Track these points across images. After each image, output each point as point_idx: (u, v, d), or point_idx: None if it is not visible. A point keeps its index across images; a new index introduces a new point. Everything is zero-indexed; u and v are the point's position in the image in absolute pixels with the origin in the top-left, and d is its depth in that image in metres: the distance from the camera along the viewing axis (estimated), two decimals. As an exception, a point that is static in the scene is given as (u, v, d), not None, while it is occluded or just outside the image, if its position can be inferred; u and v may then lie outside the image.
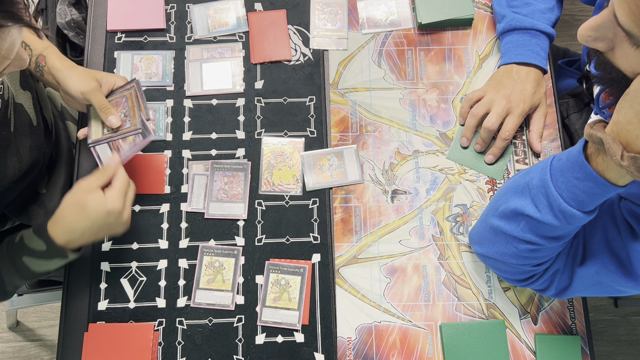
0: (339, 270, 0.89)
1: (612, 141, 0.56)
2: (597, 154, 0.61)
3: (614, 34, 0.56)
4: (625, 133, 0.56)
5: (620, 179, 0.60)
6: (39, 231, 0.77)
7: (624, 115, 0.56)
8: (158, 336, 0.85)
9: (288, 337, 0.86)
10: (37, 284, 1.18)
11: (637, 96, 0.55)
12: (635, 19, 0.51)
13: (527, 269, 0.75)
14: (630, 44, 0.54)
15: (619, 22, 0.53)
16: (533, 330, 0.87)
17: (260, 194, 0.93)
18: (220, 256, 0.89)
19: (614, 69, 0.58)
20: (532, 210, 0.68)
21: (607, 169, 0.60)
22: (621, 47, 0.55)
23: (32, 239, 0.77)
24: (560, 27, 1.09)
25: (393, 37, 1.02)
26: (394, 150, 0.96)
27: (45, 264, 0.78)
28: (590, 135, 0.59)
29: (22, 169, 0.85)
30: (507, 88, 0.92)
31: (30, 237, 0.77)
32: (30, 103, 0.86)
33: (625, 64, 0.56)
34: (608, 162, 0.59)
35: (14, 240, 0.79)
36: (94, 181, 0.77)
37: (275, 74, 1.00)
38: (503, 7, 0.97)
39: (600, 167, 0.61)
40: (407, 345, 0.86)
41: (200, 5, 1.03)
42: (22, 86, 0.85)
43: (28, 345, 1.62)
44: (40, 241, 0.77)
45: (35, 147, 0.87)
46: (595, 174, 0.60)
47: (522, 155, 0.96)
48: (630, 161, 0.55)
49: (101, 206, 0.75)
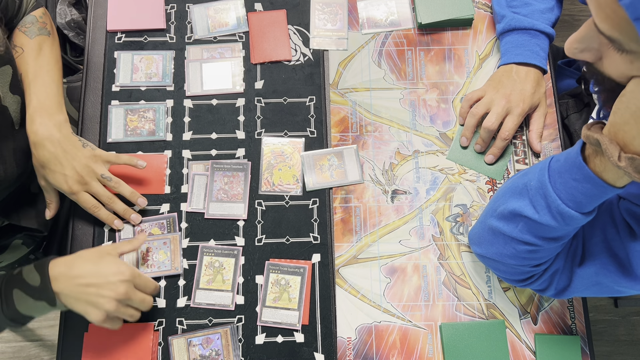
0: (339, 270, 0.89)
1: (609, 142, 0.56)
2: (594, 156, 0.61)
3: (598, 43, 0.56)
4: (622, 134, 0.56)
5: (618, 180, 0.60)
6: (40, 265, 0.76)
7: (620, 116, 0.56)
8: (158, 336, 0.86)
9: (288, 337, 0.86)
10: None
11: (633, 97, 0.55)
12: (613, 24, 0.51)
13: (526, 270, 0.75)
14: (615, 50, 0.54)
15: (599, 30, 0.53)
16: (533, 330, 0.87)
17: (260, 194, 0.93)
18: (220, 256, 0.89)
19: (606, 78, 0.58)
20: (530, 211, 0.68)
21: (605, 170, 0.60)
22: (608, 55, 0.56)
23: (30, 272, 0.75)
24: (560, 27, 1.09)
25: (393, 37, 1.02)
26: (394, 150, 0.96)
27: (31, 305, 0.75)
28: (588, 136, 0.59)
29: (7, 171, 0.84)
30: (507, 88, 0.92)
31: (29, 270, 0.76)
32: (18, 107, 0.85)
33: (615, 71, 0.56)
34: (606, 164, 0.59)
35: (14, 271, 0.77)
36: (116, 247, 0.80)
37: (275, 74, 1.00)
38: (502, 7, 0.97)
39: (598, 169, 0.61)
40: (407, 345, 0.86)
41: (200, 5, 1.03)
42: (12, 90, 0.83)
43: (28, 345, 1.62)
44: (37, 276, 0.75)
45: (20, 150, 0.86)
46: (593, 176, 0.60)
47: (522, 155, 0.96)
48: (627, 162, 0.55)
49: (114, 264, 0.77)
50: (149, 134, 0.95)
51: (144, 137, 0.95)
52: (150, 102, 0.97)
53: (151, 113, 0.96)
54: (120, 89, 0.98)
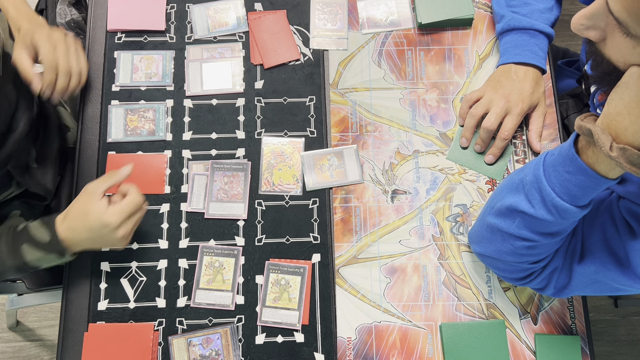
0: (339, 270, 0.89)
1: (601, 132, 0.57)
2: (587, 147, 0.61)
3: (606, 23, 0.56)
4: (615, 124, 0.57)
5: (610, 171, 0.60)
6: (47, 222, 0.79)
7: (614, 107, 0.57)
8: (158, 336, 0.86)
9: (288, 337, 0.86)
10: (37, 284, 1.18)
11: (627, 87, 0.55)
12: (626, 5, 0.52)
13: (525, 267, 0.75)
14: (621, 33, 0.54)
15: (610, 10, 0.54)
16: (533, 330, 0.87)
17: (260, 194, 0.93)
18: (220, 256, 0.89)
19: (605, 60, 0.59)
20: (526, 206, 0.68)
21: (598, 162, 0.60)
22: (612, 36, 0.56)
23: (38, 229, 0.79)
24: (559, 27, 1.09)
25: (393, 37, 1.02)
26: (394, 150, 0.96)
27: (42, 258, 0.80)
28: (580, 127, 0.60)
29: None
30: (506, 88, 0.92)
31: (36, 227, 0.80)
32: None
33: (617, 54, 0.57)
34: (598, 155, 0.60)
35: (17, 228, 0.81)
36: (99, 186, 0.79)
37: (275, 74, 1.00)
38: (502, 7, 0.97)
39: (590, 160, 0.61)
40: (407, 345, 0.86)
41: (200, 5, 1.03)
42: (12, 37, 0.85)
43: (28, 345, 1.62)
44: (45, 232, 0.79)
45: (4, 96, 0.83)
46: (585, 167, 0.61)
47: (522, 155, 0.96)
48: (619, 152, 0.56)
49: (98, 216, 0.77)
50: (149, 134, 0.95)
51: (144, 137, 0.95)
52: (150, 102, 0.97)
53: (151, 113, 0.97)
54: (120, 88, 0.98)
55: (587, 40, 0.60)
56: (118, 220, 0.78)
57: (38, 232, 0.79)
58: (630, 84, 0.55)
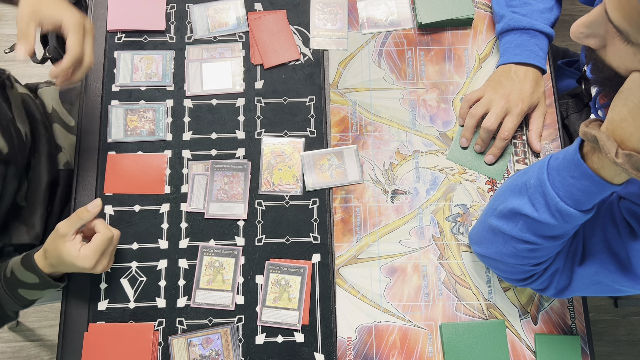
0: (339, 270, 0.89)
1: (606, 139, 0.57)
2: (592, 153, 0.61)
3: (605, 30, 0.56)
4: (620, 130, 0.56)
5: (615, 177, 0.60)
6: (29, 267, 0.80)
7: (617, 113, 0.56)
8: (158, 336, 0.86)
9: (288, 337, 0.86)
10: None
11: (631, 94, 0.55)
12: (625, 14, 0.51)
13: (526, 269, 0.75)
14: (621, 40, 0.54)
15: (609, 18, 0.53)
16: (533, 330, 0.87)
17: (260, 194, 0.93)
18: (220, 256, 0.89)
19: (606, 67, 0.59)
20: (529, 209, 0.68)
21: (603, 167, 0.60)
22: (612, 43, 0.56)
23: (24, 274, 0.80)
24: (559, 27, 1.09)
25: (393, 37, 1.02)
26: (394, 150, 0.96)
27: (42, 293, 0.83)
28: (585, 133, 0.60)
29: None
30: (506, 88, 0.92)
31: (22, 273, 0.80)
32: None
33: (618, 61, 0.57)
34: (603, 160, 0.60)
35: (6, 273, 0.81)
36: (70, 229, 0.79)
37: (275, 74, 1.00)
38: (502, 7, 0.97)
39: (595, 166, 0.61)
40: (407, 345, 0.86)
41: (200, 5, 1.03)
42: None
43: (28, 345, 1.62)
44: (32, 275, 0.80)
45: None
46: (591, 173, 0.61)
47: (522, 155, 0.96)
48: (624, 158, 0.55)
49: (73, 261, 0.78)
50: (148, 134, 0.95)
51: (144, 137, 0.95)
52: (150, 102, 0.97)
53: (151, 113, 0.97)
54: (120, 88, 0.98)
55: (587, 47, 0.60)
56: (92, 262, 0.79)
57: (26, 277, 0.80)
58: (633, 90, 0.55)
